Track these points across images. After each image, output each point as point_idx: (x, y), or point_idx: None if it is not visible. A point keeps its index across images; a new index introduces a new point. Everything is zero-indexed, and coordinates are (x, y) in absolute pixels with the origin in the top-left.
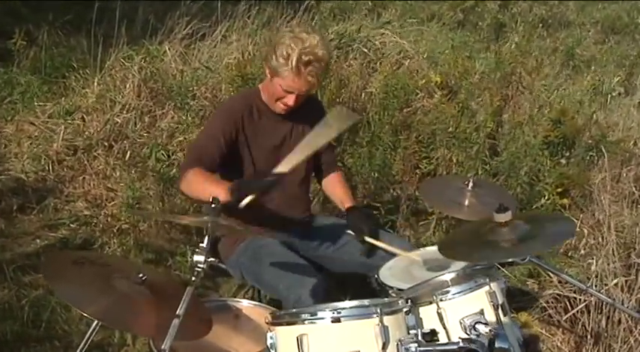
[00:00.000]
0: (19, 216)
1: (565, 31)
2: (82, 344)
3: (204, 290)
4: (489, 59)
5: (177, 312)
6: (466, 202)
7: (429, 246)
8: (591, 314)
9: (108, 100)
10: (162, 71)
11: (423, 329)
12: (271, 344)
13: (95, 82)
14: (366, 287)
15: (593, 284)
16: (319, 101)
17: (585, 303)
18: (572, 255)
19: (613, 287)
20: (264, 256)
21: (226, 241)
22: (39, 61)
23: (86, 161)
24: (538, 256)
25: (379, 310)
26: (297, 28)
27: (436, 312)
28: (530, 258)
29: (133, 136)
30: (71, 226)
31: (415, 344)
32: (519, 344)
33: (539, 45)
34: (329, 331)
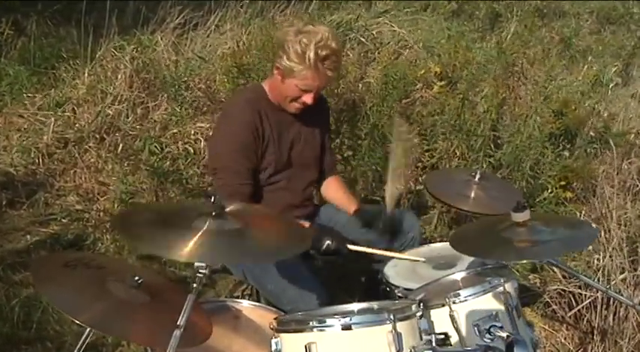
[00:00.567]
0: (8, 212)
1: (560, 21)
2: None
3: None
4: (490, 49)
5: (179, 323)
6: (472, 194)
7: (433, 243)
8: (598, 310)
9: (99, 92)
10: (154, 61)
11: (435, 334)
12: (276, 351)
13: (86, 73)
14: (371, 285)
15: (598, 279)
16: (321, 94)
17: (590, 299)
18: None
19: (620, 283)
20: (269, 264)
21: None
22: (28, 52)
23: (77, 154)
24: None
25: (392, 316)
26: (299, 22)
27: (449, 315)
28: (548, 259)
29: (125, 128)
30: (62, 221)
31: (430, 350)
32: (532, 347)
33: (535, 35)
34: (339, 339)
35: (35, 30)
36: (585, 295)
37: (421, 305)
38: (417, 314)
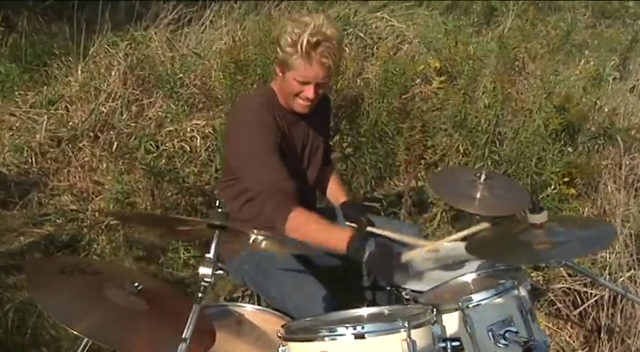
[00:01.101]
0: (1, 212)
1: (556, 15)
2: None
3: (197, 288)
4: (487, 43)
5: (184, 335)
6: (478, 195)
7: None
8: (605, 308)
9: (92, 89)
10: (148, 58)
11: (450, 340)
12: None
13: (79, 70)
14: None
15: (605, 278)
16: (325, 94)
17: (596, 298)
18: None
19: (627, 281)
20: (271, 269)
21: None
22: (19, 49)
23: (71, 153)
24: None
25: (406, 324)
26: (296, 14)
27: (462, 320)
28: (566, 261)
29: (119, 126)
30: (57, 222)
31: None
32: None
33: (535, 29)
34: (352, 348)
35: (26, 26)
36: (591, 293)
37: (434, 310)
38: (432, 321)
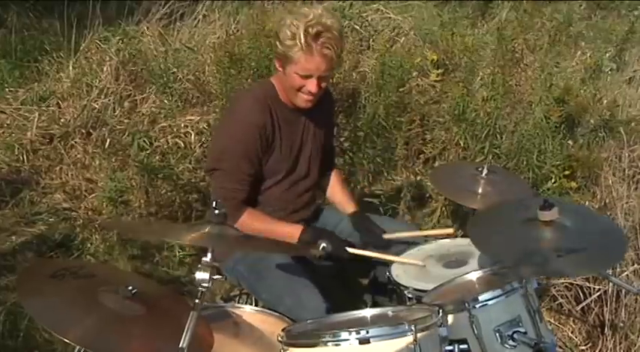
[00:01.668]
0: None
1: (550, 6)
2: None
3: (193, 287)
4: (483, 35)
5: (182, 344)
6: (480, 190)
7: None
8: (608, 303)
9: (84, 85)
10: (141, 53)
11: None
12: None
13: (70, 66)
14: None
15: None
16: (327, 89)
17: (599, 293)
18: None
19: (632, 275)
20: (264, 270)
21: None
22: (9, 45)
23: (63, 150)
24: None
25: (413, 327)
26: (293, 6)
27: (468, 321)
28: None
29: (112, 123)
30: (49, 221)
31: None
32: None
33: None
34: None
35: (16, 22)
36: (594, 288)
37: (440, 312)
38: (438, 323)
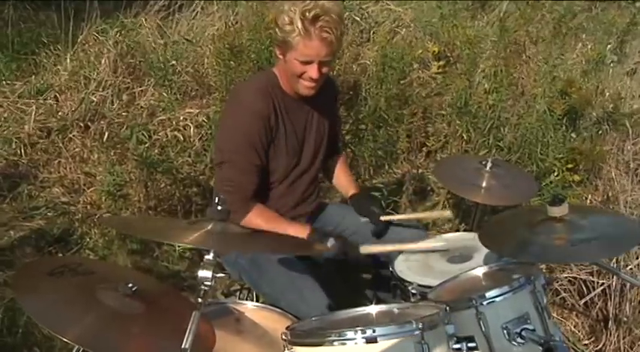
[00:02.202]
0: None
1: None
2: None
3: (193, 281)
4: (483, 27)
5: (184, 345)
6: (484, 184)
7: (444, 234)
8: (612, 298)
9: (82, 78)
10: (139, 45)
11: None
12: None
13: (68, 59)
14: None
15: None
16: (329, 77)
17: (603, 287)
18: None
19: (636, 269)
20: (265, 264)
21: None
22: (5, 37)
23: (61, 143)
24: None
25: (420, 325)
26: None
27: (475, 318)
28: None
29: (110, 116)
30: (47, 215)
31: None
32: None
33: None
34: None
35: (13, 15)
36: (597, 282)
37: (447, 309)
38: (445, 321)
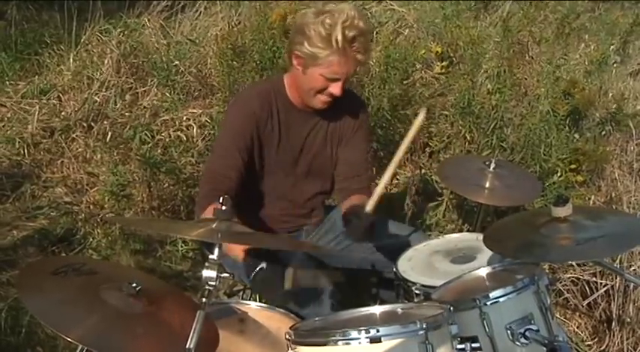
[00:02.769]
0: None
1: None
2: None
3: (196, 281)
4: (486, 28)
5: (188, 345)
6: (487, 184)
7: (447, 234)
8: (616, 298)
9: (85, 78)
10: (142, 45)
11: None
12: None
13: (71, 59)
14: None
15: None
16: (355, 94)
17: (606, 288)
18: None
19: (639, 270)
20: None
21: None
22: (9, 38)
23: (64, 143)
24: None
25: (424, 325)
26: (318, 3)
27: (479, 318)
28: (597, 260)
29: (113, 116)
30: (51, 215)
31: None
32: None
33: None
34: None
35: (16, 15)
36: (600, 283)
37: (451, 309)
38: (449, 321)
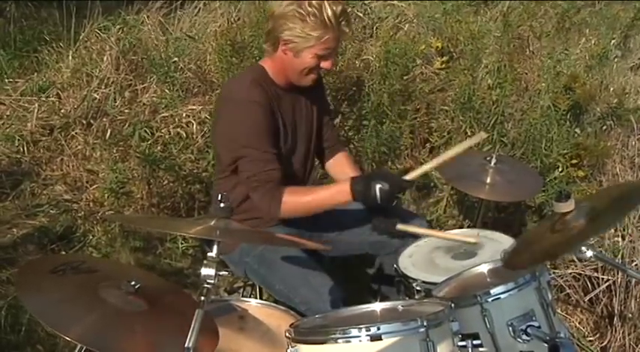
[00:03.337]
0: None
1: None
2: None
3: (196, 278)
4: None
5: (187, 344)
6: (488, 180)
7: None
8: (617, 294)
9: (84, 75)
10: (141, 42)
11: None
12: None
13: (70, 56)
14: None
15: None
16: None
17: (608, 283)
18: None
19: None
20: (275, 260)
21: None
22: (7, 35)
23: (63, 141)
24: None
25: (425, 323)
26: None
27: (480, 315)
28: (595, 254)
29: (112, 113)
30: (50, 212)
31: None
32: None
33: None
34: (368, 350)
35: (15, 12)
36: (602, 278)
37: (452, 306)
38: (450, 318)
